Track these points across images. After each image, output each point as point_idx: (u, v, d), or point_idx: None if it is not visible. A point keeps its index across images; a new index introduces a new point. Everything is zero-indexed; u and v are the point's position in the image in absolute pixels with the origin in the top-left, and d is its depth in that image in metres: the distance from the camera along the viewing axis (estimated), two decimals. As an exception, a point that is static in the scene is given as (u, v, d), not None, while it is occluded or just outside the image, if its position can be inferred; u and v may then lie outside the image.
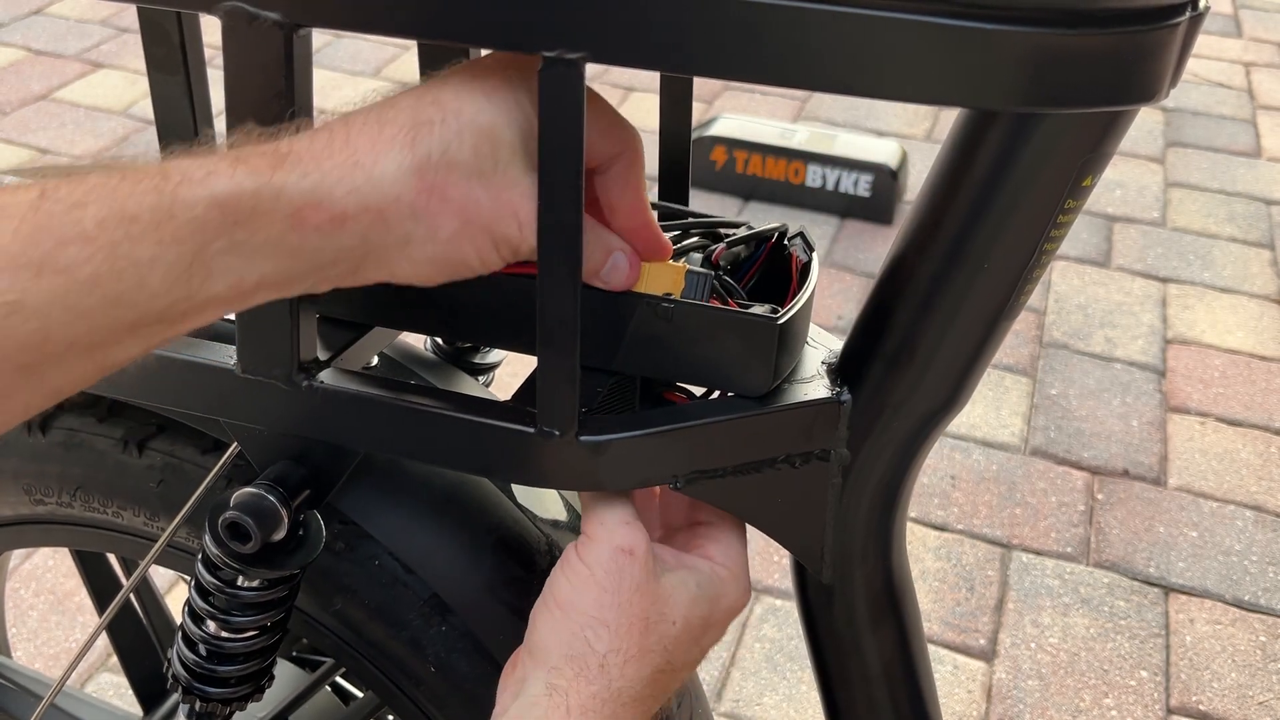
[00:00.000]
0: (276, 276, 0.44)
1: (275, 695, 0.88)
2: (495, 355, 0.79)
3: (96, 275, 0.39)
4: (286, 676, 0.91)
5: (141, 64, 0.72)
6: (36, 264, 0.38)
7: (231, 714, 0.66)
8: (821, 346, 0.59)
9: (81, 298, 0.39)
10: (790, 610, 1.70)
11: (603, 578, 0.53)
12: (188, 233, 0.41)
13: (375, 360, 0.70)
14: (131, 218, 0.40)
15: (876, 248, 2.58)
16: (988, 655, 1.67)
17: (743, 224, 0.62)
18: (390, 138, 0.46)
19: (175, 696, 0.68)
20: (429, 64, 0.67)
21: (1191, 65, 3.43)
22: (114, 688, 1.55)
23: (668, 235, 0.60)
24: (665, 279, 0.54)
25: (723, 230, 0.62)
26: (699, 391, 0.60)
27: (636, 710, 0.53)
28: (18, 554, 1.71)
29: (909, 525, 1.85)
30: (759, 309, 0.55)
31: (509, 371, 0.85)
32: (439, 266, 0.48)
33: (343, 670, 0.93)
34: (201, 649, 0.63)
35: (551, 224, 0.47)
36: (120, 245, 0.40)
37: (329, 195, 0.44)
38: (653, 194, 0.67)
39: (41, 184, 0.40)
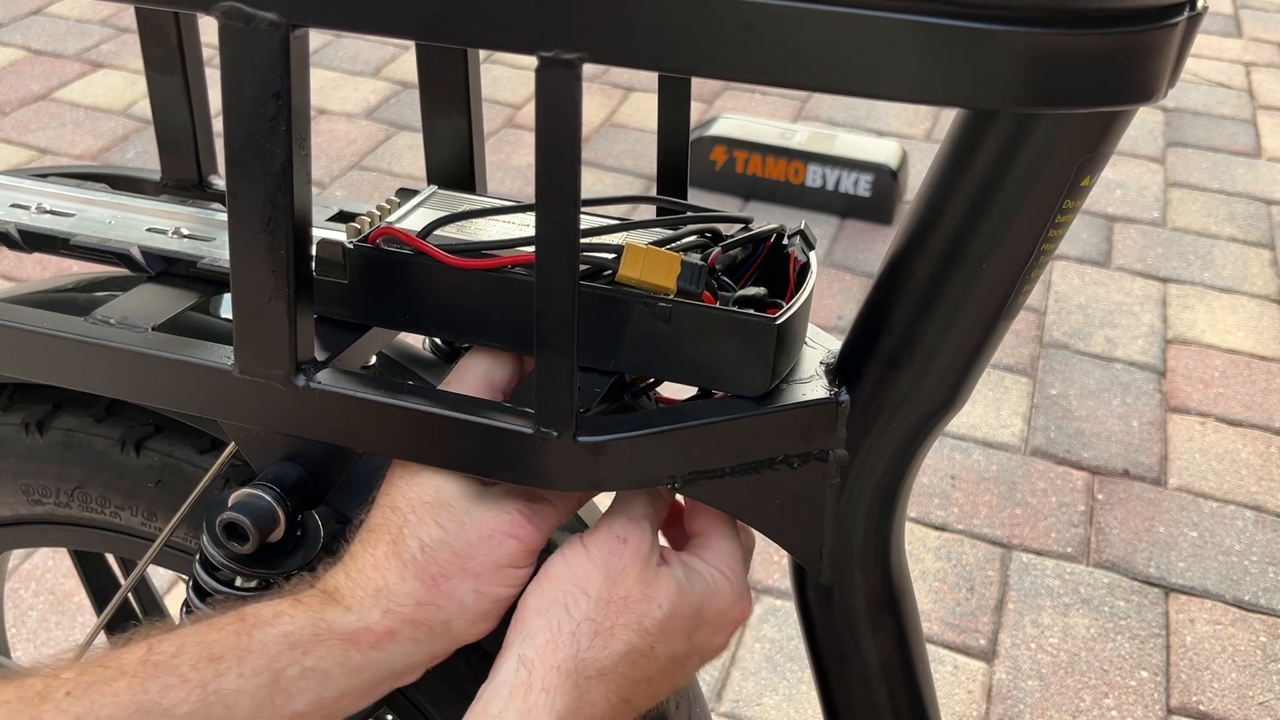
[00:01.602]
0: (354, 689, 0.53)
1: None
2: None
3: (191, 713, 0.48)
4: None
5: (141, 64, 0.72)
6: (145, 710, 0.47)
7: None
8: (820, 347, 0.59)
9: None
10: (790, 610, 1.70)
11: (595, 555, 0.55)
12: (263, 664, 0.50)
13: (373, 360, 0.70)
14: (218, 658, 0.49)
15: (876, 248, 2.58)
16: (988, 655, 1.67)
17: (746, 219, 0.62)
18: (385, 557, 0.54)
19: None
20: (428, 64, 0.67)
21: (1191, 65, 3.43)
22: (113, 688, 1.55)
23: (668, 230, 0.60)
24: (661, 268, 0.54)
25: (724, 228, 0.62)
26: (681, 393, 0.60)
27: (604, 686, 0.54)
28: (17, 554, 1.71)
29: (909, 525, 1.85)
30: (749, 291, 0.55)
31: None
32: (493, 614, 0.56)
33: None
34: (199, 649, 0.63)
35: (549, 224, 0.47)
36: (210, 683, 0.49)
37: (372, 622, 0.53)
38: (652, 193, 0.67)
39: (148, 641, 0.50)
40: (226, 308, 0.67)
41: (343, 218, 0.69)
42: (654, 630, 0.55)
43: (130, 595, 0.92)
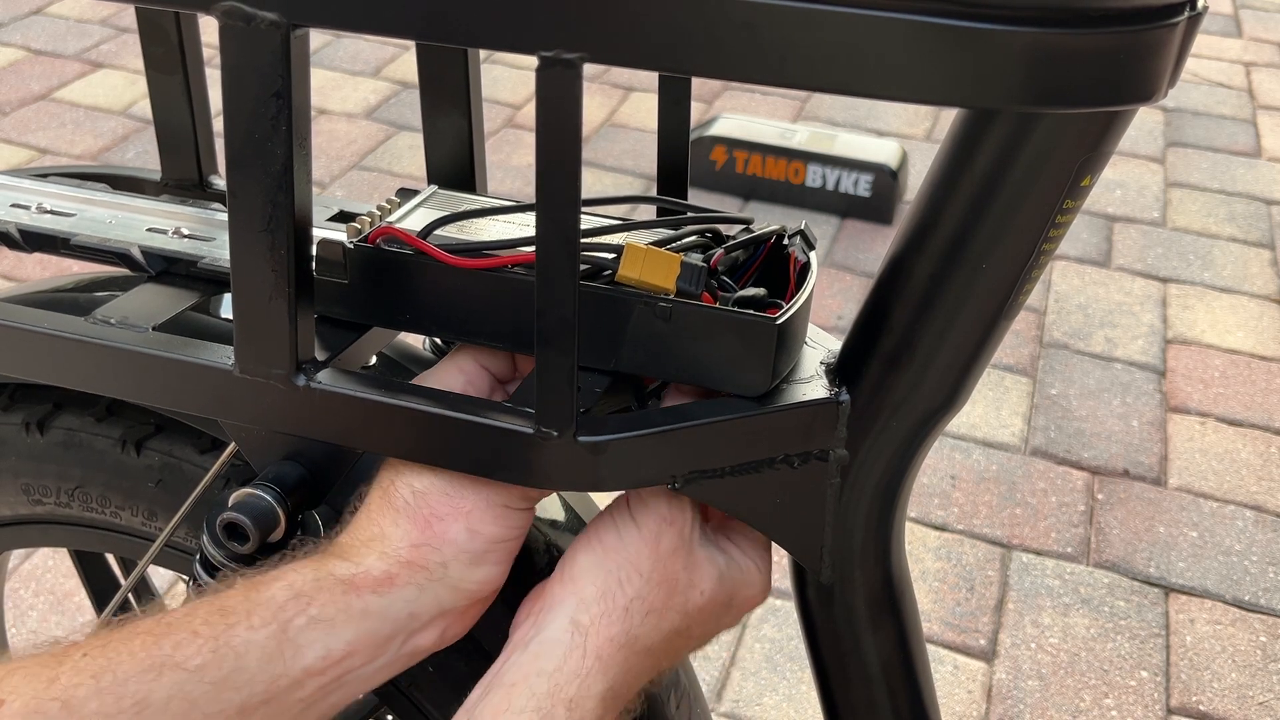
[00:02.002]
0: (362, 640, 0.53)
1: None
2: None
3: (203, 665, 0.49)
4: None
5: (141, 64, 0.72)
6: (159, 665, 0.49)
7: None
8: (820, 346, 0.59)
9: (194, 686, 0.49)
10: (790, 610, 1.70)
11: (646, 533, 0.57)
12: (270, 614, 0.51)
13: (373, 360, 0.70)
14: (228, 611, 0.51)
15: (876, 248, 2.58)
16: (988, 655, 1.67)
17: (746, 220, 0.62)
18: (379, 507, 0.56)
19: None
20: (428, 64, 0.67)
21: (1191, 65, 3.43)
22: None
23: (669, 230, 0.60)
24: (661, 269, 0.54)
25: (725, 229, 0.62)
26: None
27: (648, 662, 0.57)
28: (17, 554, 1.71)
29: (909, 525, 1.85)
30: (750, 291, 0.55)
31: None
32: (493, 557, 0.56)
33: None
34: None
35: (550, 224, 0.47)
36: (220, 636, 0.50)
37: (370, 566, 0.54)
38: (652, 193, 0.67)
39: (164, 607, 0.53)
40: (227, 308, 0.67)
41: (343, 218, 0.69)
42: (694, 613, 0.58)
43: (130, 595, 0.92)
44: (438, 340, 0.73)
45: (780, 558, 0.61)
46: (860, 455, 0.57)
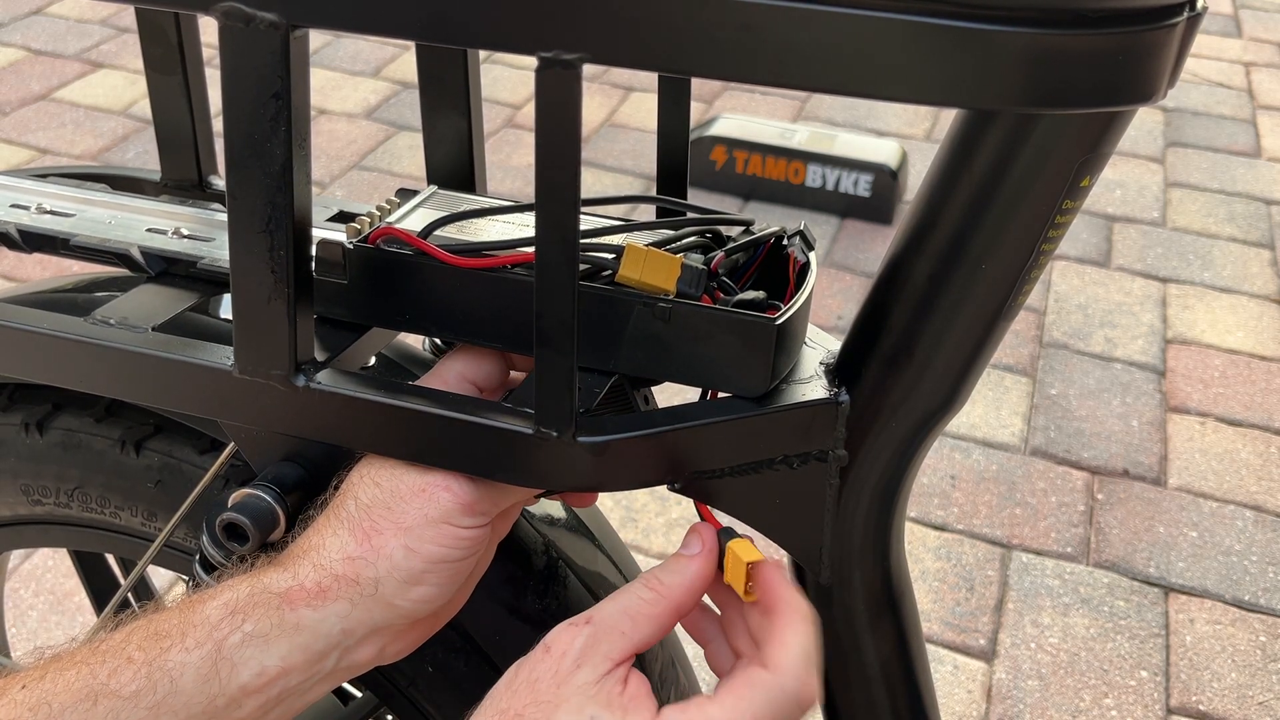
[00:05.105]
0: (295, 656, 0.52)
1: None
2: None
3: (138, 690, 0.49)
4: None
5: (141, 64, 0.72)
6: (95, 693, 0.48)
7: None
8: (819, 347, 0.59)
9: (130, 713, 0.48)
10: (790, 610, 1.70)
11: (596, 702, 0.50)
12: (205, 634, 0.50)
13: (373, 361, 0.70)
14: (163, 634, 0.50)
15: (876, 248, 2.58)
16: (988, 655, 1.67)
17: (747, 221, 0.62)
18: (325, 518, 0.55)
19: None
20: (428, 64, 0.67)
21: (1191, 65, 3.43)
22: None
23: (669, 230, 0.60)
24: (662, 270, 0.54)
25: (725, 230, 0.62)
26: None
27: None
28: (17, 554, 1.71)
29: (909, 525, 1.85)
30: (749, 294, 0.55)
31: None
32: (432, 578, 0.54)
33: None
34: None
35: (549, 224, 0.47)
36: (155, 660, 0.49)
37: (303, 579, 0.53)
38: (652, 193, 0.67)
39: (100, 632, 0.51)
40: (226, 308, 0.67)
41: (343, 218, 0.69)
42: None
43: (130, 595, 0.92)
44: (438, 340, 0.73)
45: (780, 558, 0.61)
46: (860, 456, 0.57)
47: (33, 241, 0.68)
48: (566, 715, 0.49)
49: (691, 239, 0.59)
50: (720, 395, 0.57)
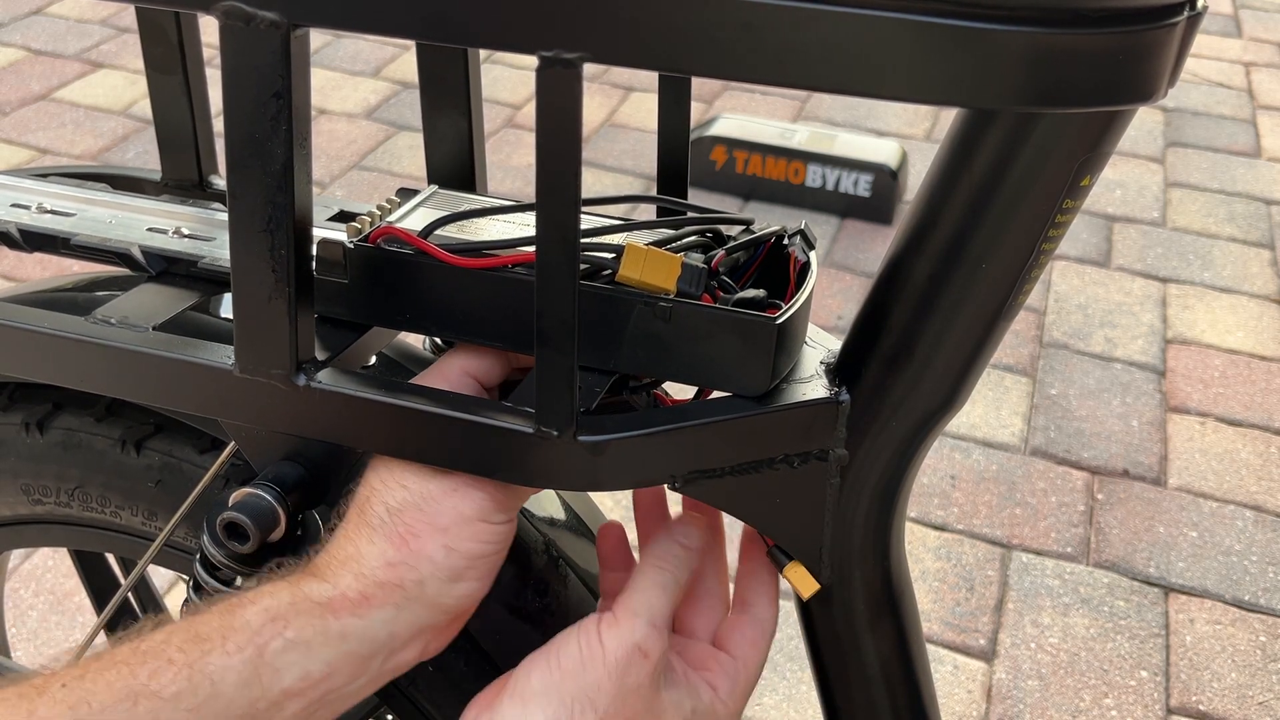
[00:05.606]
0: (340, 662, 0.52)
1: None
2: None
3: (179, 692, 0.49)
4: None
5: (141, 64, 0.72)
6: (135, 694, 0.48)
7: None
8: (820, 346, 0.59)
9: (170, 713, 0.48)
10: (790, 610, 1.70)
11: (612, 662, 0.54)
12: (246, 639, 0.51)
13: (373, 360, 0.70)
14: (204, 638, 0.50)
15: (876, 248, 2.58)
16: (988, 655, 1.67)
17: (747, 220, 0.62)
18: (355, 526, 0.55)
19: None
20: (428, 64, 0.67)
21: (1191, 65, 3.43)
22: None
23: (670, 230, 0.60)
24: (662, 270, 0.54)
25: (725, 230, 0.62)
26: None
27: None
28: (17, 554, 1.71)
29: (909, 525, 1.85)
30: (750, 293, 0.55)
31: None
32: (472, 573, 0.55)
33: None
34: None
35: (549, 224, 0.47)
36: (196, 663, 0.49)
37: (345, 588, 0.53)
38: (652, 193, 0.67)
39: (140, 633, 0.51)
40: (227, 307, 0.67)
41: (343, 218, 0.69)
42: None
43: (130, 595, 0.92)
44: (438, 340, 0.73)
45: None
46: (860, 455, 0.57)
47: (33, 241, 0.68)
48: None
49: (692, 238, 0.59)
50: (720, 394, 0.57)
